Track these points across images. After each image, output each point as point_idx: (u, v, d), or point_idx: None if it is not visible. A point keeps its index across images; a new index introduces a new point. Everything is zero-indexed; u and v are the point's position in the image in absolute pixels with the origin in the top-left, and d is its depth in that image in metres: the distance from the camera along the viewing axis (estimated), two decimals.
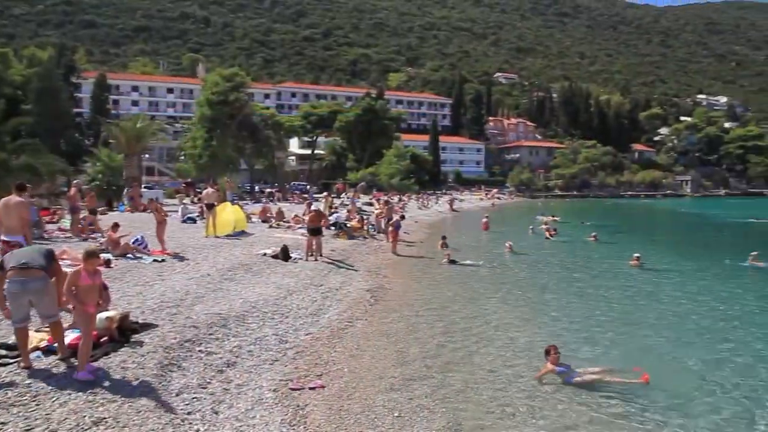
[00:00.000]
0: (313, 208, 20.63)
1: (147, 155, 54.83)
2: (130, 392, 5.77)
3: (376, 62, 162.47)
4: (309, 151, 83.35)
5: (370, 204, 39.66)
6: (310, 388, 6.92)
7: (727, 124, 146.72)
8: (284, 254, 15.68)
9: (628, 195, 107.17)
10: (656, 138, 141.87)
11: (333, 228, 23.12)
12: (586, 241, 26.43)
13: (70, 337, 6.45)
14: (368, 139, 78.18)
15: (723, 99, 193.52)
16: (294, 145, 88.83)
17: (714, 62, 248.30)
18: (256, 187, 56.29)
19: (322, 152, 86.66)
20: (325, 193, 43.62)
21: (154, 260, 13.18)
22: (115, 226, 14.35)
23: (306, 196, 46.76)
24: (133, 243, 14.00)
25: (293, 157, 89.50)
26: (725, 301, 13.41)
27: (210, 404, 6.05)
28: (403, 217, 23.43)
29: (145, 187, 38.56)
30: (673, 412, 6.74)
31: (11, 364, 6.03)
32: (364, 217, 28.27)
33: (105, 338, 6.93)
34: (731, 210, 58.99)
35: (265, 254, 15.69)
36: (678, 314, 11.98)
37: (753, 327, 10.84)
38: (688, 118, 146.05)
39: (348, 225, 24.25)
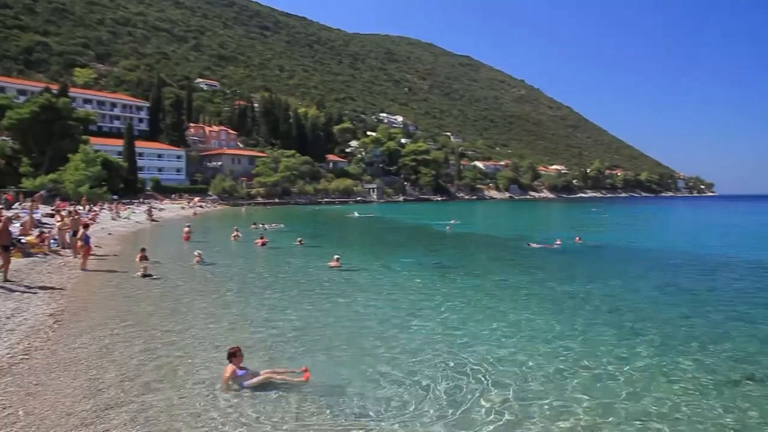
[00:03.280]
0: None
1: None
2: None
3: (58, 54, 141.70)
4: None
5: (52, 215, 34.93)
6: None
7: (403, 140, 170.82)
8: None
9: (325, 201, 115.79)
10: (348, 150, 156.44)
11: None
12: (293, 245, 28.00)
13: None
14: (49, 141, 68.48)
15: (400, 118, 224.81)
16: None
17: (392, 86, 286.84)
18: None
19: None
20: None
21: None
22: None
23: None
24: None
25: None
26: (404, 294, 15.38)
27: None
28: (87, 226, 21.19)
29: None
30: (337, 400, 7.51)
31: None
32: (45, 230, 24.91)
33: None
34: (408, 214, 68.41)
35: None
36: (366, 310, 13.31)
37: (421, 320, 12.67)
38: (374, 133, 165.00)
39: (23, 241, 21.04)
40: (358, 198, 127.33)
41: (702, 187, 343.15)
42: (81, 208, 44.69)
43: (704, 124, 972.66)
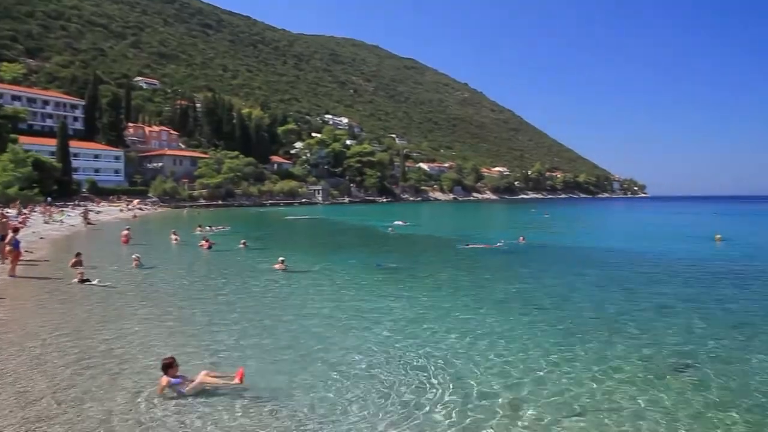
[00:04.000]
0: None
1: None
2: None
3: None
4: None
5: None
6: None
7: (348, 142, 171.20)
8: None
9: (269, 203, 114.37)
10: (292, 151, 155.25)
11: None
12: (237, 248, 27.60)
13: None
14: None
15: (345, 120, 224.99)
16: None
17: (337, 88, 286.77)
18: None
19: None
20: None
21: None
22: None
23: None
24: None
25: None
26: (347, 295, 15.40)
27: None
28: (17, 230, 20.17)
29: None
30: (279, 402, 7.49)
31: None
32: None
33: None
34: (353, 216, 68.45)
35: None
36: (310, 311, 13.21)
37: (363, 321, 12.72)
38: (319, 135, 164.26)
39: None
40: (303, 200, 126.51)
41: (635, 188, 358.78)
42: (10, 211, 42.65)
43: (647, 128, 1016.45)
